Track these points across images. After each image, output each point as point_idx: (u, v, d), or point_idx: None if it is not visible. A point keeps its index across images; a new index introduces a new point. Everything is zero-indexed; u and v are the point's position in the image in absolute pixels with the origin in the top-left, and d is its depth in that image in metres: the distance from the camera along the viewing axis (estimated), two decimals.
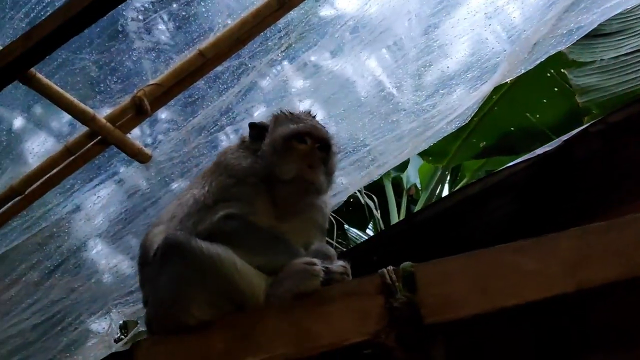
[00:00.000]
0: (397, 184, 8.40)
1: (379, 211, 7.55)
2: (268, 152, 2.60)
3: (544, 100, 6.59)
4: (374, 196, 7.61)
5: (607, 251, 1.89)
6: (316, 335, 2.11)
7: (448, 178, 8.52)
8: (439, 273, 2.06)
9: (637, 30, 5.15)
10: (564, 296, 1.89)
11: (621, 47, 5.15)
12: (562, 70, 5.56)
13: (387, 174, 8.10)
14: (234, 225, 2.45)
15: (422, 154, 7.54)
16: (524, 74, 6.37)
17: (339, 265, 2.37)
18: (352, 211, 8.14)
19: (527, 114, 6.73)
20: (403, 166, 8.14)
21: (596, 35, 5.28)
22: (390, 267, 2.14)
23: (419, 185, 8.25)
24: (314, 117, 2.76)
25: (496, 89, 6.66)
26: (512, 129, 6.92)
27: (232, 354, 2.20)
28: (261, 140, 2.67)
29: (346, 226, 8.27)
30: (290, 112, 2.72)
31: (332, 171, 2.70)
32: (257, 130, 2.71)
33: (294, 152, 2.57)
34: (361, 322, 2.07)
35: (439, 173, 7.85)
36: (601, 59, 5.15)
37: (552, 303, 1.92)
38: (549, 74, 6.28)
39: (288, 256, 2.40)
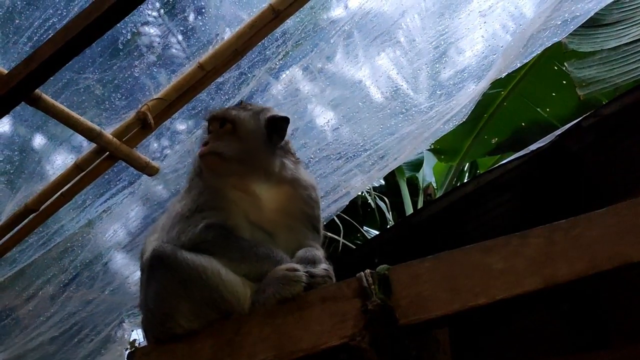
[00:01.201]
0: (414, 184, 8.42)
1: (390, 213, 7.58)
2: None
3: (553, 94, 6.56)
4: (385, 198, 7.65)
5: (573, 247, 1.91)
6: (296, 340, 2.17)
7: (466, 176, 8.51)
8: (411, 275, 2.10)
9: (637, 20, 5.08)
10: (533, 293, 1.92)
11: (622, 36, 5.08)
12: (569, 60, 5.51)
13: (402, 174, 8.14)
14: (215, 235, 2.52)
15: (435, 153, 7.57)
16: (530, 67, 6.45)
17: (321, 268, 2.42)
18: (371, 212, 8.18)
19: (537, 109, 6.70)
20: (418, 166, 8.18)
21: (596, 25, 5.24)
22: (367, 271, 2.19)
23: (434, 184, 8.26)
24: (239, 103, 2.89)
25: (504, 85, 6.70)
26: (523, 124, 6.89)
27: None
28: None
29: (365, 227, 8.31)
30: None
31: (243, 137, 2.72)
32: None
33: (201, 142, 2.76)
34: (339, 325, 2.12)
35: (453, 171, 7.84)
36: (602, 49, 5.09)
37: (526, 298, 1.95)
38: (556, 67, 6.25)
39: (271, 263, 2.46)
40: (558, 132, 3.46)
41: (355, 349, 2.05)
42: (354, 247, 6.92)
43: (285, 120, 2.79)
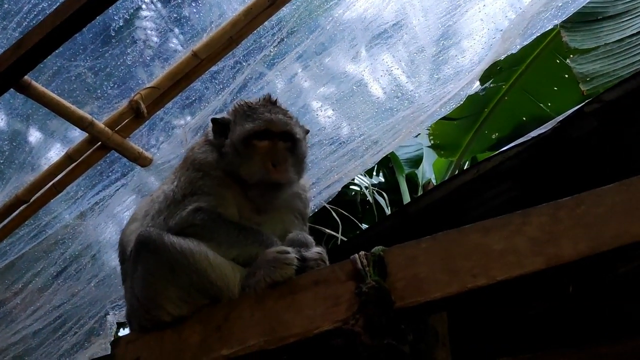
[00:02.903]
0: (413, 181, 8.34)
1: (389, 209, 7.49)
2: (231, 153, 2.57)
3: (555, 88, 6.49)
4: (384, 194, 7.58)
5: (577, 226, 1.81)
6: (288, 325, 2.08)
7: None
8: (408, 256, 2.01)
9: None
10: (535, 274, 1.83)
11: (626, 28, 4.98)
12: (571, 56, 5.42)
13: (401, 170, 8.06)
14: (203, 218, 2.43)
15: (435, 148, 7.49)
16: (532, 61, 6.37)
17: (314, 252, 2.34)
18: (370, 209, 8.10)
19: (539, 103, 6.63)
20: (417, 162, 8.10)
21: (599, 19, 5.16)
22: (362, 252, 2.10)
23: (433, 180, 8.18)
24: (274, 102, 2.66)
25: (505, 79, 6.62)
26: (524, 118, 6.81)
27: (207, 347, 2.19)
28: (224, 135, 2.63)
29: (364, 225, 8.21)
30: (249, 105, 2.64)
31: (302, 157, 2.65)
32: (219, 126, 2.66)
33: (255, 151, 2.53)
34: (332, 309, 2.03)
35: (453, 167, 7.75)
36: (605, 43, 4.99)
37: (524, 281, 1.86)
38: (557, 61, 6.17)
39: (260, 246, 2.37)
40: (560, 118, 3.36)
41: (349, 333, 1.96)
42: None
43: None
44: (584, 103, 3.33)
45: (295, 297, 2.13)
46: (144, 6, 4.08)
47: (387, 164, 8.36)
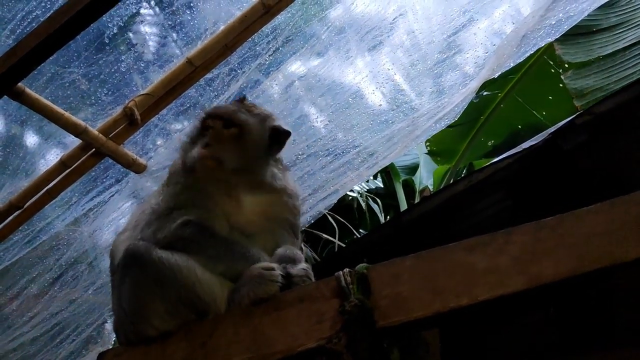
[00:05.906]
0: (410, 187, 8.35)
1: (382, 214, 7.51)
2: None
3: (550, 97, 6.50)
4: (379, 200, 7.59)
5: (559, 246, 1.82)
6: (272, 342, 2.08)
7: None
8: (392, 274, 2.01)
9: (635, 22, 4.98)
10: (518, 294, 1.83)
11: (619, 41, 4.99)
12: (564, 72, 5.43)
13: (398, 177, 8.06)
14: (192, 232, 2.43)
15: (431, 155, 7.51)
16: (527, 70, 6.38)
17: (299, 268, 2.33)
18: (365, 215, 8.10)
19: (534, 111, 6.65)
20: (413, 169, 8.12)
21: (592, 32, 5.16)
22: (347, 269, 2.10)
23: (430, 187, 8.19)
24: (241, 100, 2.71)
25: (501, 87, 6.63)
26: (519, 126, 6.84)
27: None
28: None
29: (361, 230, 8.22)
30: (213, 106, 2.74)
31: (248, 146, 2.62)
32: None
33: (199, 137, 2.60)
34: (316, 326, 2.03)
35: (449, 174, 7.77)
36: (599, 56, 4.99)
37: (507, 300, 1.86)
38: (552, 70, 6.18)
39: (247, 262, 2.37)
40: (551, 129, 3.38)
41: (331, 352, 1.96)
42: None
43: (288, 135, 2.74)
44: (575, 115, 3.35)
45: (280, 314, 2.13)
46: (139, 12, 4.08)
47: (385, 170, 8.37)
